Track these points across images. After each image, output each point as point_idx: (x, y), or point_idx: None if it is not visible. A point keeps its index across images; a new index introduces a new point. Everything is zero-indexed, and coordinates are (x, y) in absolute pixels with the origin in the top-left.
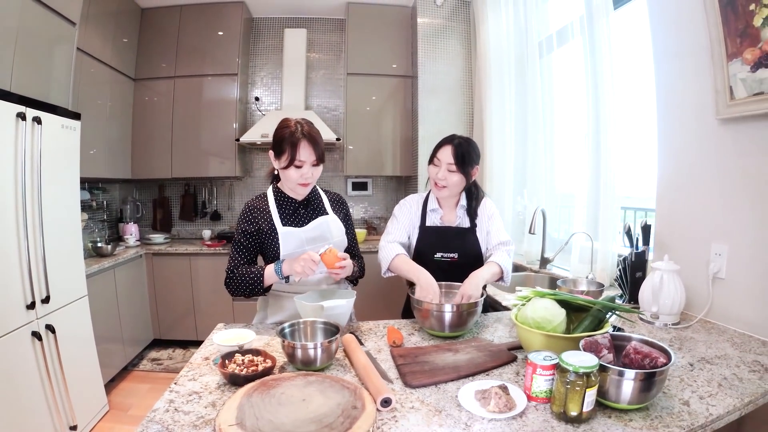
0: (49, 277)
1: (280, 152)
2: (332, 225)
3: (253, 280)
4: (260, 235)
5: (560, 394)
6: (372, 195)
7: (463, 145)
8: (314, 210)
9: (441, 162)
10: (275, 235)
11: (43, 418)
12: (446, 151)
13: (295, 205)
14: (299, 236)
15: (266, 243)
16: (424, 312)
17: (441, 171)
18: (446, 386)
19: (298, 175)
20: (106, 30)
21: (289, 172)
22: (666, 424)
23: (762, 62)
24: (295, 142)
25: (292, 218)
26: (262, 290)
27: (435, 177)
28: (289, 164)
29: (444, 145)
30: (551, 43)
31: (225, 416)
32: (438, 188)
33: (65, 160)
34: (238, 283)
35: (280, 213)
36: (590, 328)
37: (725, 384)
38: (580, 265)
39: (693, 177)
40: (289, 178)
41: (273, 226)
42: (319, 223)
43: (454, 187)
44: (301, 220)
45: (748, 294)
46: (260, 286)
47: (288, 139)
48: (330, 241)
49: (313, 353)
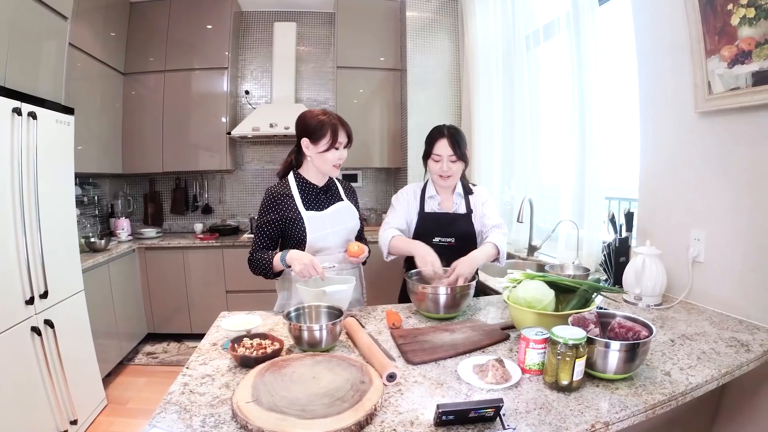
0: (47, 272)
1: (320, 137)
2: (348, 210)
3: (265, 265)
4: (283, 221)
5: (552, 365)
6: (362, 187)
7: (454, 134)
8: (332, 196)
9: (441, 156)
10: (299, 220)
11: (44, 413)
12: (442, 144)
13: (316, 191)
14: (322, 219)
15: (289, 228)
16: (419, 295)
17: (444, 164)
18: (445, 362)
19: (336, 156)
20: (95, 24)
21: (328, 155)
22: (650, 391)
23: (738, 59)
24: (336, 126)
25: (314, 203)
26: (273, 275)
27: (439, 171)
28: (330, 147)
29: (438, 139)
30: (538, 37)
31: (241, 394)
32: (444, 179)
33: (60, 155)
34: (255, 266)
35: (303, 198)
36: (577, 307)
37: (704, 357)
38: (566, 251)
39: (673, 167)
40: (327, 161)
41: (297, 211)
42: (338, 208)
43: (457, 174)
44: (321, 205)
45: (726, 276)
46: (271, 271)
47: (328, 124)
48: (346, 225)
49: (319, 335)
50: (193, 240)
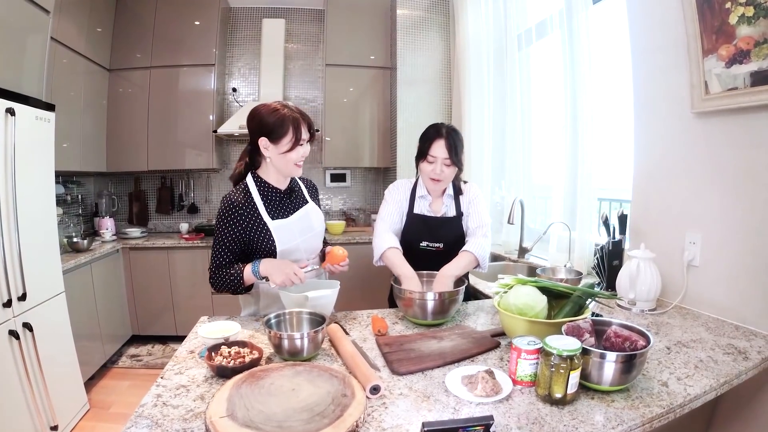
0: (25, 274)
1: (280, 135)
2: (315, 213)
3: (233, 281)
4: (245, 233)
5: (545, 377)
6: (350, 186)
7: (453, 136)
8: (297, 199)
9: (437, 159)
10: (265, 231)
11: (22, 419)
12: (440, 146)
13: (279, 195)
14: (290, 228)
15: (254, 239)
16: (406, 301)
17: (437, 167)
18: (433, 372)
19: (299, 155)
20: (80, 19)
21: (291, 155)
22: (647, 404)
23: (736, 59)
24: (297, 120)
25: (279, 210)
26: (244, 290)
27: (432, 174)
28: (294, 146)
29: (436, 139)
30: (530, 36)
31: (215, 408)
32: (434, 183)
33: (40, 152)
34: (220, 283)
35: (266, 205)
36: (571, 314)
37: (701, 366)
38: (557, 254)
39: (668, 168)
40: (287, 162)
41: (262, 222)
42: (305, 212)
43: (449, 179)
44: (286, 211)
45: (721, 281)
46: (241, 286)
47: (289, 120)
48: (314, 230)
49: (300, 343)
50: (179, 240)
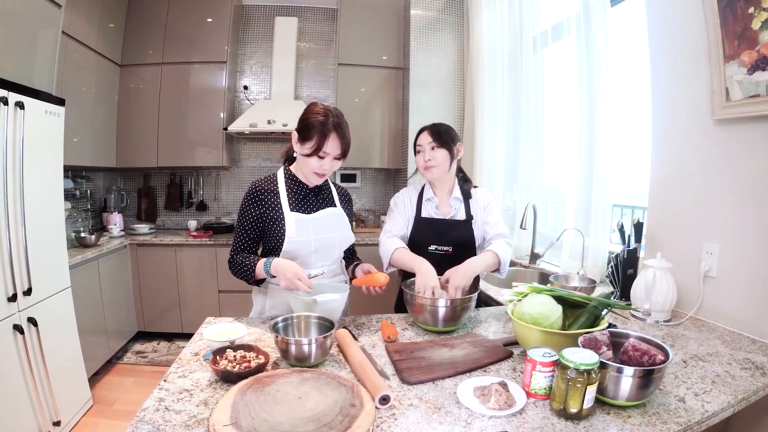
0: (31, 269)
1: (305, 138)
2: (339, 219)
3: (247, 270)
4: (263, 219)
5: (560, 390)
6: (360, 187)
7: (438, 125)
8: (324, 200)
9: (423, 146)
10: (280, 220)
11: (25, 414)
12: (424, 135)
13: (305, 191)
14: (306, 223)
15: (268, 228)
16: (417, 307)
17: (426, 153)
18: (444, 383)
19: (317, 165)
20: (92, 14)
21: (310, 160)
22: (664, 420)
23: (759, 65)
24: (325, 133)
25: (301, 204)
26: (255, 282)
27: (422, 161)
28: (313, 153)
29: (421, 132)
30: (546, 38)
31: (219, 416)
32: (427, 170)
33: (48, 147)
34: (236, 269)
35: (289, 197)
36: (586, 324)
37: (718, 381)
38: (570, 261)
39: (686, 176)
40: (306, 165)
41: (279, 210)
42: (327, 214)
43: (442, 164)
44: (309, 207)
45: (738, 293)
46: (253, 278)
47: (318, 128)
48: (333, 233)
49: (308, 349)
50: (187, 237)
